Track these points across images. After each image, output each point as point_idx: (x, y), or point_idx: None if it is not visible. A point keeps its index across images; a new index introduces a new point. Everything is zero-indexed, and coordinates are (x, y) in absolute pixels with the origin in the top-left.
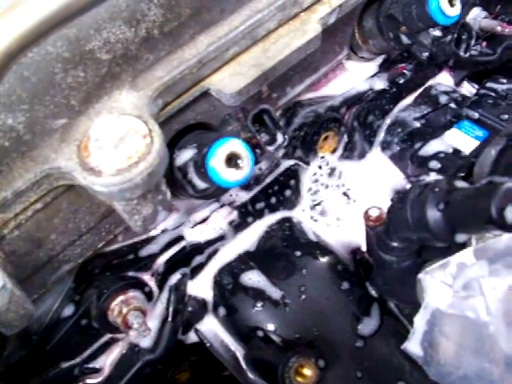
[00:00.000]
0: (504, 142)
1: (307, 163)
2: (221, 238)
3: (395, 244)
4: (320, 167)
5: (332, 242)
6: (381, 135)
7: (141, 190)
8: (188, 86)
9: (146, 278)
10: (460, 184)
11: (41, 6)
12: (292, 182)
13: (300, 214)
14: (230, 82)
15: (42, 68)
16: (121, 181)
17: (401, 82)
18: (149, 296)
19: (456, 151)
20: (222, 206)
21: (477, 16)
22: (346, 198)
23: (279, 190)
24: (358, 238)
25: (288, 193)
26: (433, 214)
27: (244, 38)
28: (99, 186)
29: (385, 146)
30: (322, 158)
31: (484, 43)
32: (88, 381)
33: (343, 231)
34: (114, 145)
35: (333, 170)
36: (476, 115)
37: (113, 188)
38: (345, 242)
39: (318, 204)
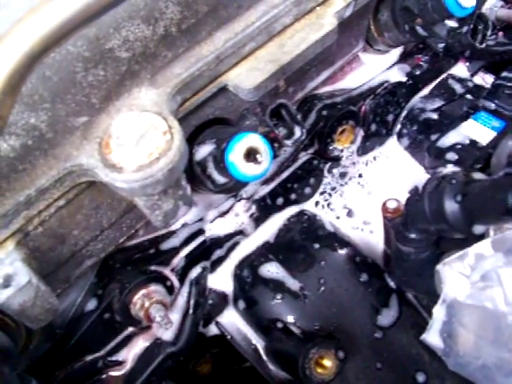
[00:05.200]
0: None
1: (324, 157)
2: (240, 232)
3: (413, 235)
4: (337, 160)
5: (356, 240)
6: (397, 127)
7: (162, 185)
8: (206, 82)
9: (167, 271)
10: (477, 176)
11: (62, 8)
12: (309, 175)
13: (318, 207)
14: (247, 77)
15: (63, 67)
16: (142, 177)
17: (417, 73)
18: (170, 290)
19: (473, 142)
20: (240, 200)
21: (493, 6)
22: (364, 190)
23: (297, 184)
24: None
25: (306, 186)
26: (450, 206)
27: (260, 34)
28: (121, 182)
29: (402, 138)
30: (340, 150)
31: (500, 33)
32: (111, 373)
33: (367, 234)
34: (135, 141)
35: (350, 162)
36: (492, 106)
37: (134, 184)
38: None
39: (336, 196)
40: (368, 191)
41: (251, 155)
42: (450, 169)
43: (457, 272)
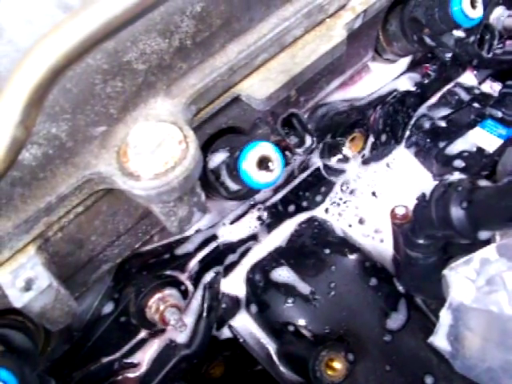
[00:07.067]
0: None
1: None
2: (252, 237)
3: (421, 241)
4: (347, 168)
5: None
6: (406, 135)
7: (177, 193)
8: (220, 93)
9: (182, 276)
10: (483, 183)
11: (84, 24)
12: (320, 183)
13: (328, 214)
14: (259, 87)
15: (83, 80)
16: (159, 184)
17: (425, 82)
18: (184, 294)
19: (480, 150)
20: (253, 206)
21: (500, 15)
22: (375, 197)
23: (308, 192)
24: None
25: (317, 194)
26: (456, 213)
27: (272, 45)
28: (138, 189)
29: (410, 145)
30: (349, 158)
31: (508, 42)
32: (127, 375)
33: (378, 242)
34: (152, 150)
35: (360, 170)
36: (499, 114)
37: (151, 191)
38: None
39: (347, 204)
40: (378, 199)
41: (263, 163)
42: (456, 176)
43: (463, 276)
